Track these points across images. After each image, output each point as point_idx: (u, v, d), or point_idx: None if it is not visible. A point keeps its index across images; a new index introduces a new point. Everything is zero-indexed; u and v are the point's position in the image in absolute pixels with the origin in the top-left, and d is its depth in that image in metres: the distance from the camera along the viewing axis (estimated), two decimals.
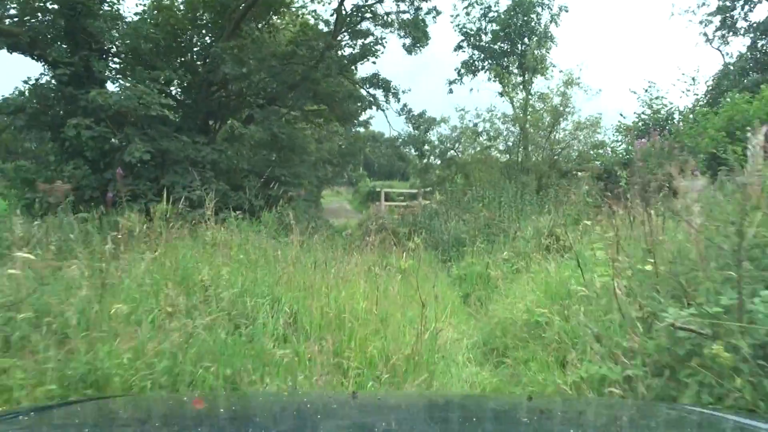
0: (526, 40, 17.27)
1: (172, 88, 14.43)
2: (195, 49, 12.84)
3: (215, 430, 1.33)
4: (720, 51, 24.36)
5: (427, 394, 2.98)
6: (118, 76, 12.36)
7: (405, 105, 14.69)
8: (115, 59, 12.85)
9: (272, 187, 11.85)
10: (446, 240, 10.74)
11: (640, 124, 16.13)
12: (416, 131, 14.65)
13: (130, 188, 11.15)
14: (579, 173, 14.13)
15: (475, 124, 16.37)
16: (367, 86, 13.95)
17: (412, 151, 15.14)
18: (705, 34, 24.08)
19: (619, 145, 15.89)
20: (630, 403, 2.32)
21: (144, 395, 2.74)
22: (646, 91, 15.95)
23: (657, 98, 16.18)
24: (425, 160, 17.95)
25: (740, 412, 2.07)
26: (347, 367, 3.76)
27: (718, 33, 23.41)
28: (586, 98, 17.78)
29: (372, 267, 7.84)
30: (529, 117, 15.12)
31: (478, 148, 16.94)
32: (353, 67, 14.24)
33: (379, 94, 14.17)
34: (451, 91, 19.75)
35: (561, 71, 15.78)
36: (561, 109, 14.48)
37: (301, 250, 8.33)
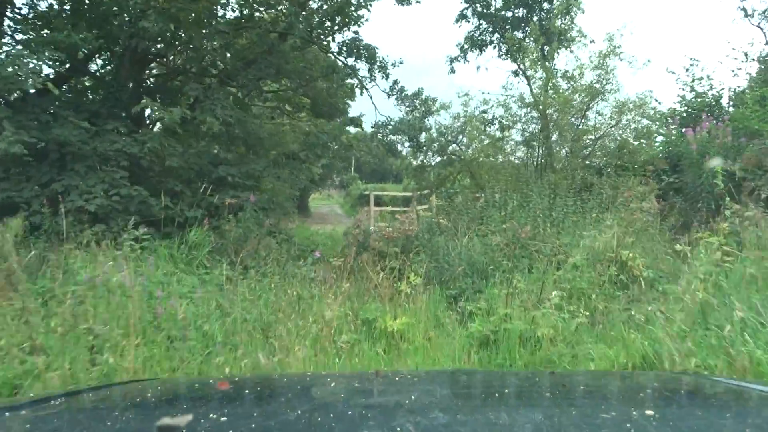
0: (545, 5, 14.00)
1: (94, 65, 11.12)
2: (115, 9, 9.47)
3: (241, 411, 1.32)
4: (761, 28, 21.35)
5: (449, 371, 2.96)
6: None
7: (396, 82, 11.43)
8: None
9: (210, 193, 8.55)
10: (456, 267, 7.44)
11: (683, 110, 12.95)
12: (410, 116, 11.43)
13: (6, 195, 7.83)
14: (620, 170, 10.89)
15: (484, 111, 13.08)
16: (345, 56, 10.71)
17: (405, 144, 12.00)
18: (744, 9, 21.06)
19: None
20: (653, 375, 2.27)
21: (171, 378, 2.79)
22: (687, 70, 12.79)
23: (700, 79, 13.02)
24: (422, 158, 14.67)
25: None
26: None
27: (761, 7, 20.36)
28: (632, 72, 14.54)
29: (337, 329, 4.59)
30: (553, 97, 11.81)
31: (486, 141, 13.64)
32: (327, 36, 10.95)
33: (362, 68, 10.93)
34: (452, 71, 16.49)
35: (592, 41, 12.50)
36: (598, 86, 11.20)
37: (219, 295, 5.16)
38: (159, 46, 10.22)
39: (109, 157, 8.48)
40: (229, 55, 11.19)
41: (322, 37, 10.98)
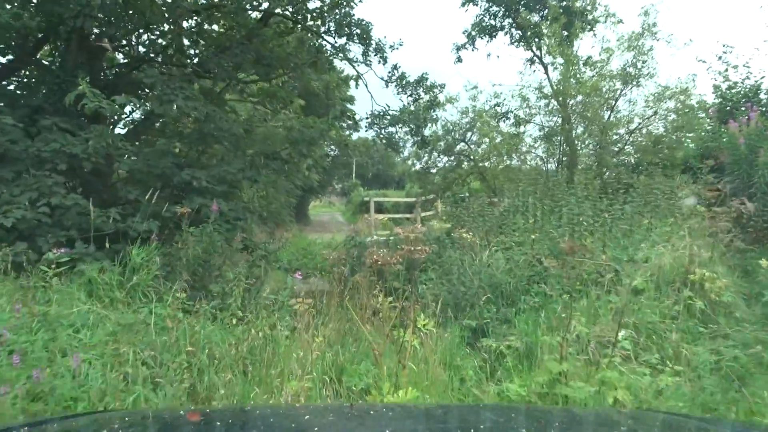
0: None
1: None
2: None
3: None
4: None
5: (424, 405, 2.76)
6: None
7: (395, 67, 9.68)
8: None
9: (175, 202, 6.98)
10: (474, 292, 5.82)
11: (717, 101, 11.35)
12: (414, 105, 9.79)
13: None
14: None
15: (497, 104, 11.45)
16: (334, 35, 9.06)
17: (407, 139, 10.36)
18: None
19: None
20: (627, 412, 2.21)
21: (140, 409, 2.71)
22: (720, 58, 11.20)
23: (735, 66, 11.45)
24: (426, 157, 12.98)
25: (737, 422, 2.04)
26: None
27: None
28: (670, 54, 12.95)
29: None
30: (577, 85, 10.16)
31: (500, 139, 12.00)
32: (317, 20, 9.34)
33: (355, 52, 9.26)
34: (459, 59, 14.82)
35: (620, 21, 10.85)
36: (632, 70, 9.57)
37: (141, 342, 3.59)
38: (115, 30, 8.64)
39: (44, 160, 6.89)
40: (202, 42, 9.61)
41: (309, 18, 9.38)
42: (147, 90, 9.01)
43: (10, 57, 9.06)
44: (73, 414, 2.38)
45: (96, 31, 8.71)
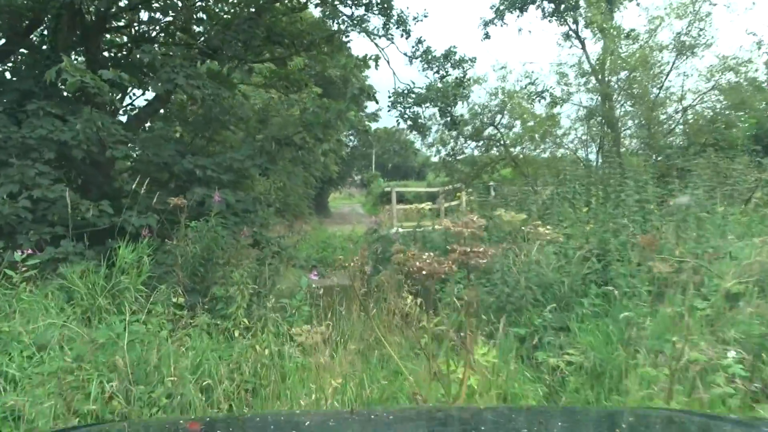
0: None
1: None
2: None
3: None
4: None
5: (426, 407, 2.56)
6: None
7: (420, 41, 8.68)
8: None
9: (176, 193, 6.22)
10: (522, 293, 4.93)
11: None
12: (441, 82, 8.78)
13: None
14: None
15: (532, 82, 10.46)
16: (351, 4, 8.09)
17: (434, 126, 9.38)
18: None
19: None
20: (628, 411, 2.11)
21: (141, 420, 2.61)
22: None
23: None
24: (452, 143, 11.96)
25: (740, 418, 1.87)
26: None
27: None
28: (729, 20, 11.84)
29: None
30: (623, 58, 9.12)
31: (531, 123, 11.00)
32: None
33: (374, 23, 8.30)
34: (487, 36, 13.74)
35: None
36: (687, 40, 8.51)
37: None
38: (111, 5, 7.85)
39: (30, 148, 6.15)
40: (206, 19, 8.78)
41: None
42: (150, 73, 8.23)
43: (2, 41, 8.37)
44: (72, 426, 2.33)
45: (92, 9, 7.96)
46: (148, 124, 8.26)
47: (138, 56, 6.64)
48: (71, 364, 3.02)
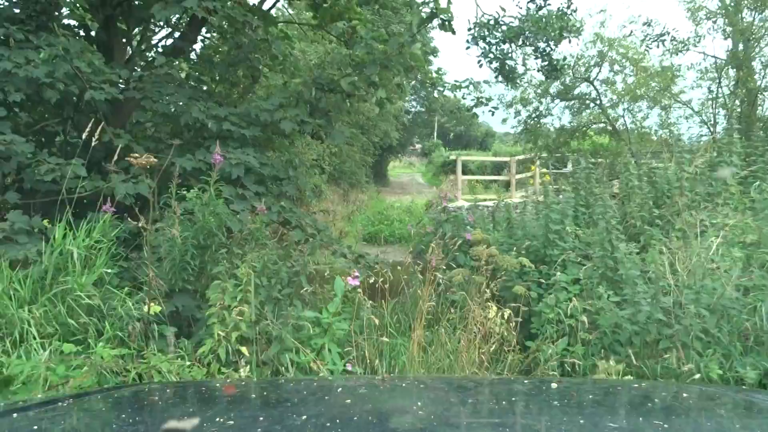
0: None
1: None
2: None
3: (247, 416, 1.29)
4: None
5: (456, 378, 2.86)
6: None
7: None
8: None
9: (181, 152, 4.64)
10: (689, 322, 3.02)
11: None
12: (539, 12, 6.64)
13: None
14: None
15: (648, 23, 8.20)
16: None
17: (518, 66, 7.26)
18: None
19: None
20: (661, 385, 2.22)
21: (177, 382, 2.62)
22: None
23: None
24: (536, 104, 9.75)
25: None
26: None
27: None
28: None
29: None
30: None
31: (642, 75, 8.72)
32: None
33: None
34: None
35: None
36: None
37: None
38: None
39: None
40: None
41: None
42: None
43: None
44: (115, 386, 2.31)
45: None
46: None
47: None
48: None
